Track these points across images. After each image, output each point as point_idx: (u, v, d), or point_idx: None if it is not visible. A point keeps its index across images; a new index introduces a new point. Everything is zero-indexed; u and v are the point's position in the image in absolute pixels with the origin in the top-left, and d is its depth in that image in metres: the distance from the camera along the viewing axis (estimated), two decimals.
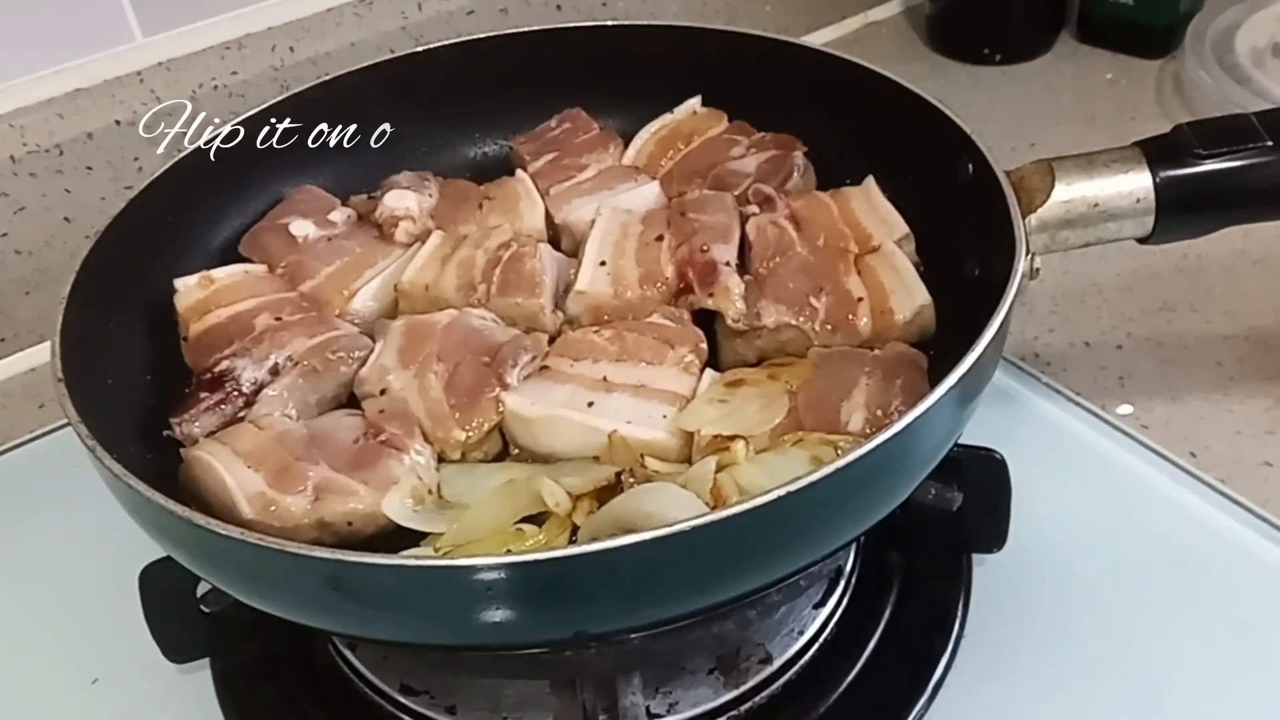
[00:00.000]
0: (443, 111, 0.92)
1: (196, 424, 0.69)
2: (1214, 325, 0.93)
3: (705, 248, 0.75)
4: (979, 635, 0.72)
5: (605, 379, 0.68)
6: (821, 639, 0.70)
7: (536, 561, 0.50)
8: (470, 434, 0.67)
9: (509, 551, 0.58)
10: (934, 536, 0.75)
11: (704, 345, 0.72)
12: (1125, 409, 0.86)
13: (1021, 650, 0.71)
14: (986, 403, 0.83)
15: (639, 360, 0.69)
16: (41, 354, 1.01)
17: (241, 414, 0.70)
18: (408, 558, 0.51)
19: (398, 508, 0.62)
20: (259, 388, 0.70)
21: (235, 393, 0.70)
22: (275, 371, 0.71)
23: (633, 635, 0.58)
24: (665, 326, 0.72)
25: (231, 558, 0.54)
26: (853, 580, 0.74)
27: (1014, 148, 1.13)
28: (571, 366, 0.69)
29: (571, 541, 0.61)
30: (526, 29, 0.92)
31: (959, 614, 0.72)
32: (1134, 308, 0.95)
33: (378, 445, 0.65)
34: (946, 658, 0.70)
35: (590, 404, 0.67)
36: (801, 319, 0.72)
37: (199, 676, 0.73)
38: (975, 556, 0.75)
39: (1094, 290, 0.97)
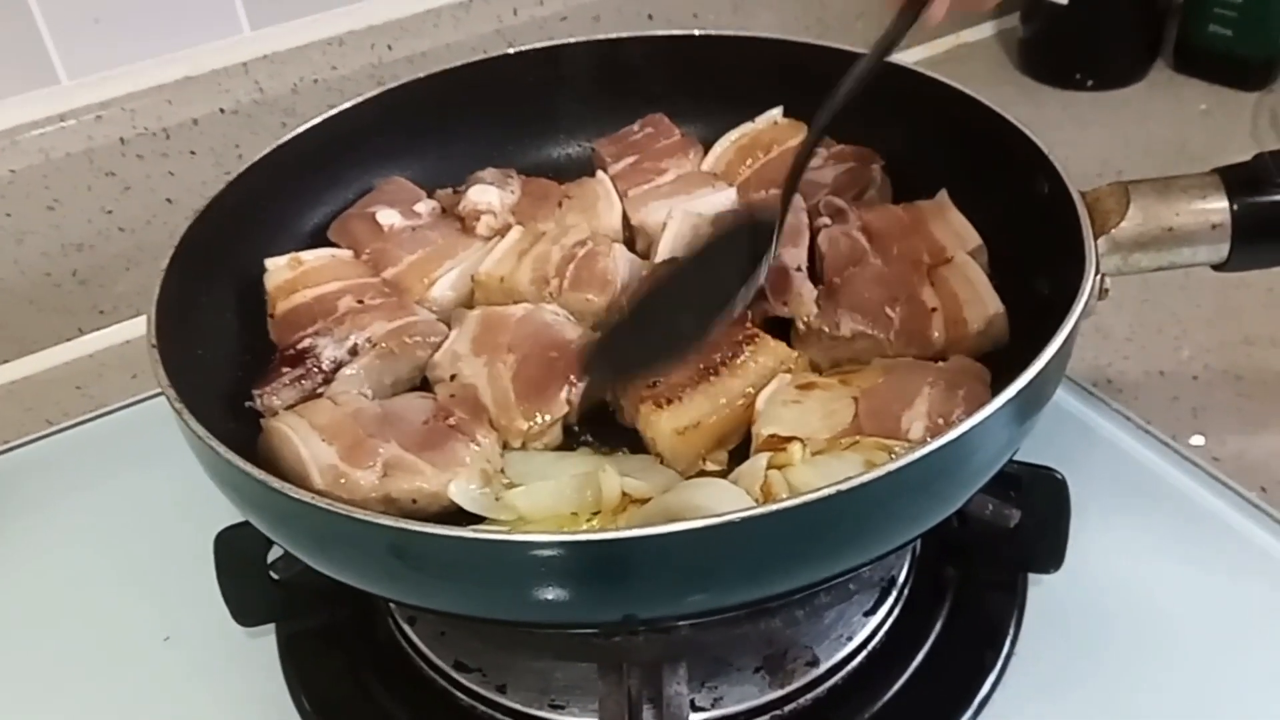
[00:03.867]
0: (529, 112, 0.94)
1: (277, 397, 0.72)
2: None
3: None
4: (1030, 655, 0.72)
5: None
6: (870, 646, 0.71)
7: (588, 542, 0.52)
8: (533, 425, 0.69)
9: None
10: (991, 553, 0.75)
11: None
12: (1197, 440, 0.85)
13: (1072, 674, 0.71)
14: (1054, 425, 0.84)
15: None
16: (137, 328, 1.04)
17: (320, 390, 0.73)
18: (468, 529, 0.53)
19: (463, 492, 0.64)
20: (338, 366, 0.73)
21: (315, 369, 0.73)
22: (354, 351, 0.74)
23: (681, 623, 0.60)
24: None
25: (302, 521, 0.56)
26: (905, 591, 0.74)
27: (1100, 174, 1.11)
28: None
29: None
30: (614, 35, 0.94)
31: (1011, 632, 0.72)
32: (1213, 340, 0.94)
33: (446, 428, 0.68)
34: (995, 674, 0.70)
35: None
36: (877, 329, 0.73)
37: (265, 641, 0.76)
38: (1032, 576, 0.75)
39: (1173, 320, 0.96)
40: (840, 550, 0.57)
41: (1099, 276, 0.64)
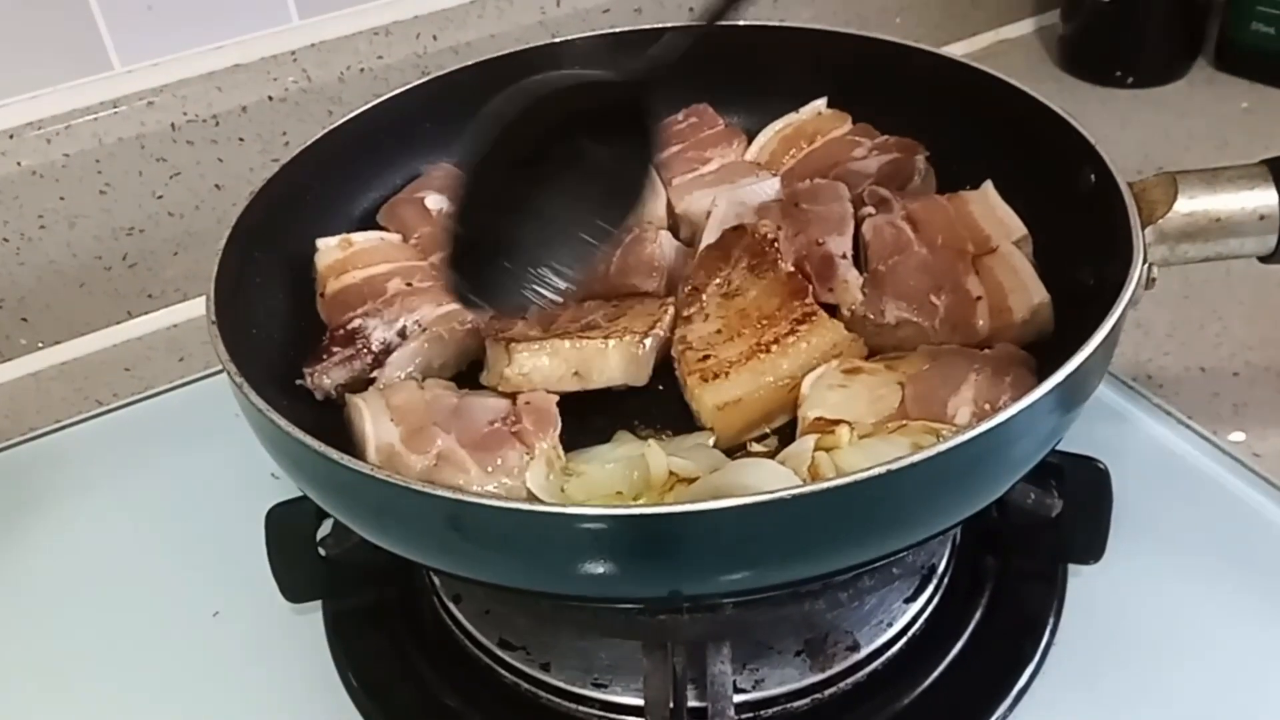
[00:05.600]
0: None
1: (327, 376, 0.72)
2: None
3: (820, 240, 0.76)
4: (1069, 646, 0.72)
5: None
6: (910, 633, 0.71)
7: (638, 516, 0.53)
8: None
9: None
10: (1031, 543, 0.76)
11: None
12: (1238, 436, 0.85)
13: (1111, 666, 0.71)
14: (1094, 419, 0.83)
15: None
16: (185, 312, 1.07)
17: (373, 374, 0.73)
18: (522, 501, 0.54)
19: (537, 480, 0.64)
20: (387, 348, 0.74)
21: (365, 350, 0.73)
22: (403, 334, 0.75)
23: (725, 602, 0.60)
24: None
25: (359, 493, 0.57)
26: (945, 579, 0.74)
27: (1141, 170, 1.10)
28: None
29: None
30: (658, 25, 0.94)
31: (1050, 623, 0.73)
32: (1255, 336, 0.94)
33: (507, 434, 0.67)
34: (1034, 665, 0.70)
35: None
36: (922, 316, 0.73)
37: (312, 618, 0.77)
38: (1072, 567, 0.75)
39: (1214, 317, 0.96)
40: (885, 532, 0.57)
41: (1146, 265, 0.64)
